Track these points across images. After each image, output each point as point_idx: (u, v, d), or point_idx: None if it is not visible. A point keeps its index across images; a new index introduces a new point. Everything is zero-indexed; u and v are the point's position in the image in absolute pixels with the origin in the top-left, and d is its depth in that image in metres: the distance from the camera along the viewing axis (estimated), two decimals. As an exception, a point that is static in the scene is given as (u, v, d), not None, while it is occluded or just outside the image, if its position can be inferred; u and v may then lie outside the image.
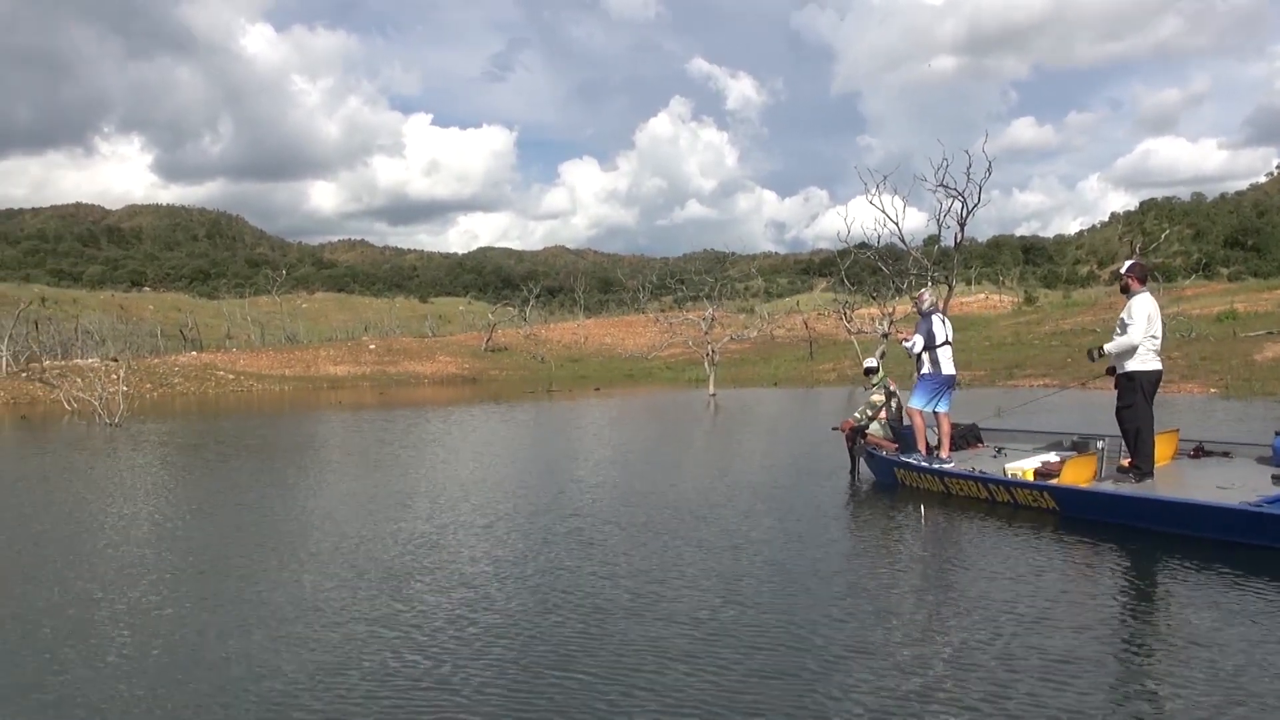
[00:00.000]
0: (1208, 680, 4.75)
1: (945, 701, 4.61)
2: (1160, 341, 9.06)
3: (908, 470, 10.65)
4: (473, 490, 11.59)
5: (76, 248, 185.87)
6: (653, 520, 9.22)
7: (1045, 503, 9.03)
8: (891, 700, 4.65)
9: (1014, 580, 6.71)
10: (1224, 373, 24.92)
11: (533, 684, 5.03)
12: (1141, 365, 8.91)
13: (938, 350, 10.91)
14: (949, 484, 10.07)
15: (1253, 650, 5.15)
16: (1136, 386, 8.91)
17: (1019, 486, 9.34)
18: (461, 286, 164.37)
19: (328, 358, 53.58)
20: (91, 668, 5.45)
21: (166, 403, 34.76)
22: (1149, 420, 8.96)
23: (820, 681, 4.91)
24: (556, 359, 56.43)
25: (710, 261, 70.21)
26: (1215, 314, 40.89)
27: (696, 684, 4.94)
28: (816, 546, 8.02)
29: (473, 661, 5.40)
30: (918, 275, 28.22)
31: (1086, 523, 8.48)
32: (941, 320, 11.09)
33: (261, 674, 5.26)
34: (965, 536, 8.31)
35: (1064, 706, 4.49)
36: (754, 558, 7.64)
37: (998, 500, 9.48)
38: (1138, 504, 8.54)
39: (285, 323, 74.80)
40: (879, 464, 11.33)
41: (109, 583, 7.38)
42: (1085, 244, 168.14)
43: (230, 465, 15.38)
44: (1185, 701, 4.52)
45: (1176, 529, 8.00)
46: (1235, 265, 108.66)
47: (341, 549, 8.36)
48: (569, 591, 6.76)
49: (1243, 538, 7.55)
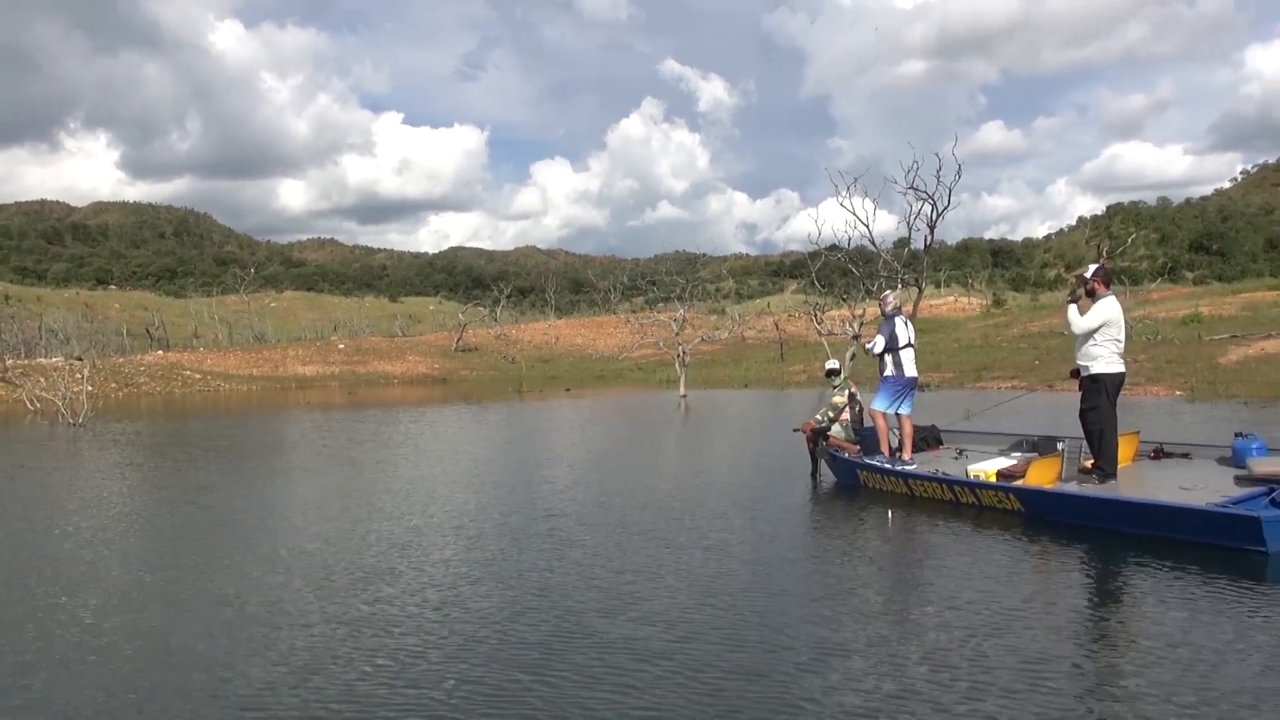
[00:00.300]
0: (1178, 680, 4.78)
1: (922, 701, 4.61)
2: (1124, 345, 9.18)
3: (871, 472, 10.64)
4: (441, 491, 11.51)
5: (41, 245, 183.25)
6: (626, 520, 9.19)
7: (1010, 504, 9.05)
8: (868, 700, 4.65)
9: (985, 580, 6.75)
10: (1189, 375, 25.18)
11: (507, 687, 4.99)
12: (1106, 368, 9.05)
13: (900, 353, 10.92)
14: (913, 485, 10.07)
15: (1225, 650, 5.19)
16: (1101, 389, 9.03)
17: (983, 488, 9.35)
18: (432, 286, 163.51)
19: (296, 357, 53.17)
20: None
21: (132, 402, 34.38)
22: (1113, 422, 9.06)
23: (795, 683, 4.90)
24: (527, 359, 56.26)
25: (681, 263, 70.36)
26: (1180, 317, 41.29)
27: (672, 685, 4.92)
28: (788, 548, 8.03)
29: (449, 662, 5.35)
30: (888, 277, 28.36)
31: (1051, 524, 8.51)
32: (904, 323, 11.08)
33: (212, 679, 5.19)
34: (931, 538, 8.35)
35: (1038, 706, 4.50)
36: (725, 558, 7.62)
37: (962, 502, 9.50)
38: (1103, 505, 8.57)
39: (253, 322, 74.12)
40: (841, 466, 11.29)
41: (53, 587, 7.27)
42: (1053, 247, 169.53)
43: (193, 466, 15.21)
44: (1159, 700, 4.54)
45: (1143, 530, 8.03)
46: (1200, 269, 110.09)
47: (305, 551, 8.28)
48: (542, 592, 6.72)
49: (1210, 539, 7.58)
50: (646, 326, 40.43)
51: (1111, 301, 9.10)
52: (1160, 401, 21.72)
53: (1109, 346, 9.00)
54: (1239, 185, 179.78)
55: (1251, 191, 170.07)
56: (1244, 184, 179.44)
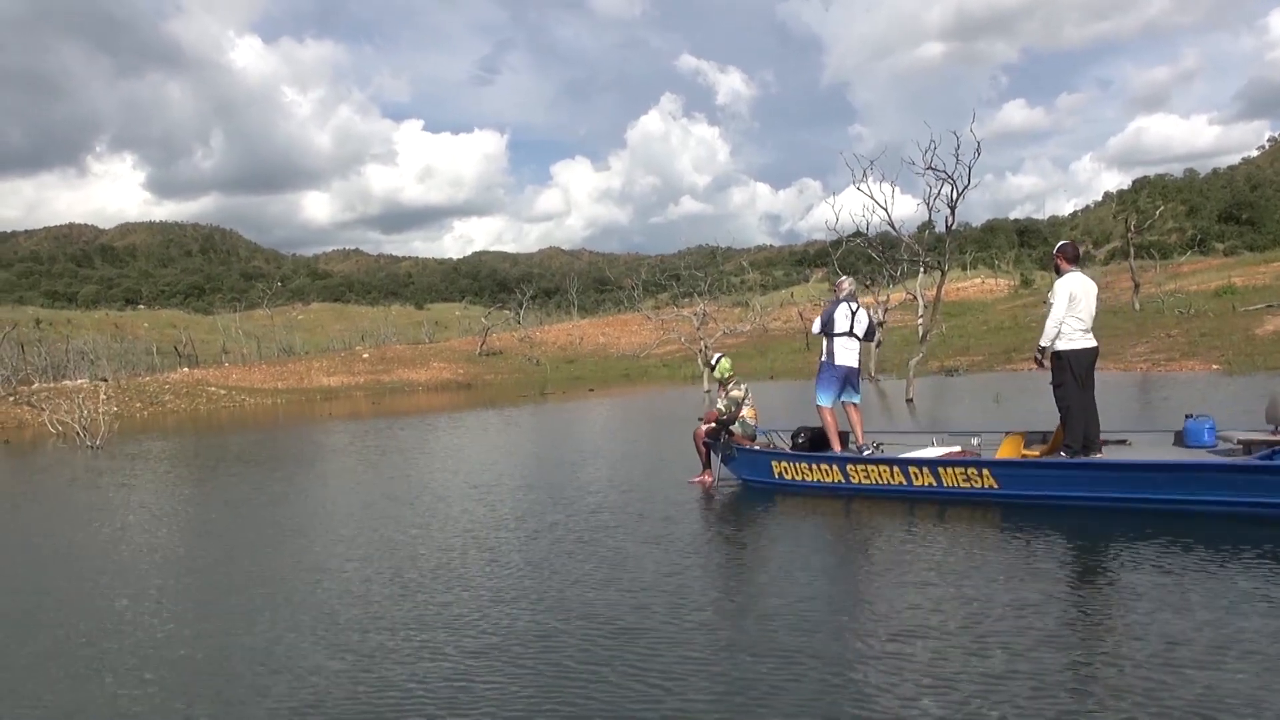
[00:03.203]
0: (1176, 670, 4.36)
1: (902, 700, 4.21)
2: (1091, 320, 8.94)
3: (793, 463, 10.06)
4: (460, 497, 11.18)
5: (70, 268, 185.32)
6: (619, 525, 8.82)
7: (981, 482, 8.62)
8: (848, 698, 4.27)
9: (964, 567, 6.35)
10: (1225, 348, 24.53)
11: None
12: (1069, 345, 8.85)
13: (835, 339, 10.53)
14: (852, 473, 9.52)
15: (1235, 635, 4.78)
16: (1065, 365, 8.85)
17: (950, 465, 8.85)
18: (457, 292, 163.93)
19: (321, 369, 53.16)
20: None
21: (157, 421, 34.33)
22: (1079, 399, 8.79)
23: (779, 693, 4.52)
24: (552, 361, 55.99)
25: (704, 257, 69.79)
26: (1213, 289, 40.52)
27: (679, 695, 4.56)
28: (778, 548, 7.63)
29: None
30: (910, 262, 27.83)
31: (1026, 509, 8.22)
32: (851, 311, 10.58)
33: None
34: (893, 527, 8.15)
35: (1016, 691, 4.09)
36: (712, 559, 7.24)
37: (915, 485, 9.03)
38: (1106, 471, 8.20)
39: (281, 335, 74.36)
40: (747, 461, 10.61)
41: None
42: (1080, 224, 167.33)
43: (201, 486, 14.98)
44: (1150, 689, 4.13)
45: (1152, 496, 7.76)
46: (1230, 240, 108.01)
47: (301, 564, 7.96)
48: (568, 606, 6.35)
49: (1256, 497, 7.33)
50: (668, 323, 40.07)
51: (1074, 278, 8.94)
52: (1197, 376, 21.09)
53: (1072, 323, 8.81)
54: (1267, 153, 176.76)
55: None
56: (1272, 151, 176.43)
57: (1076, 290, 8.82)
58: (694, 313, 36.75)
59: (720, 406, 10.86)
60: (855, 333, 10.56)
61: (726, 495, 10.41)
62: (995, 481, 8.60)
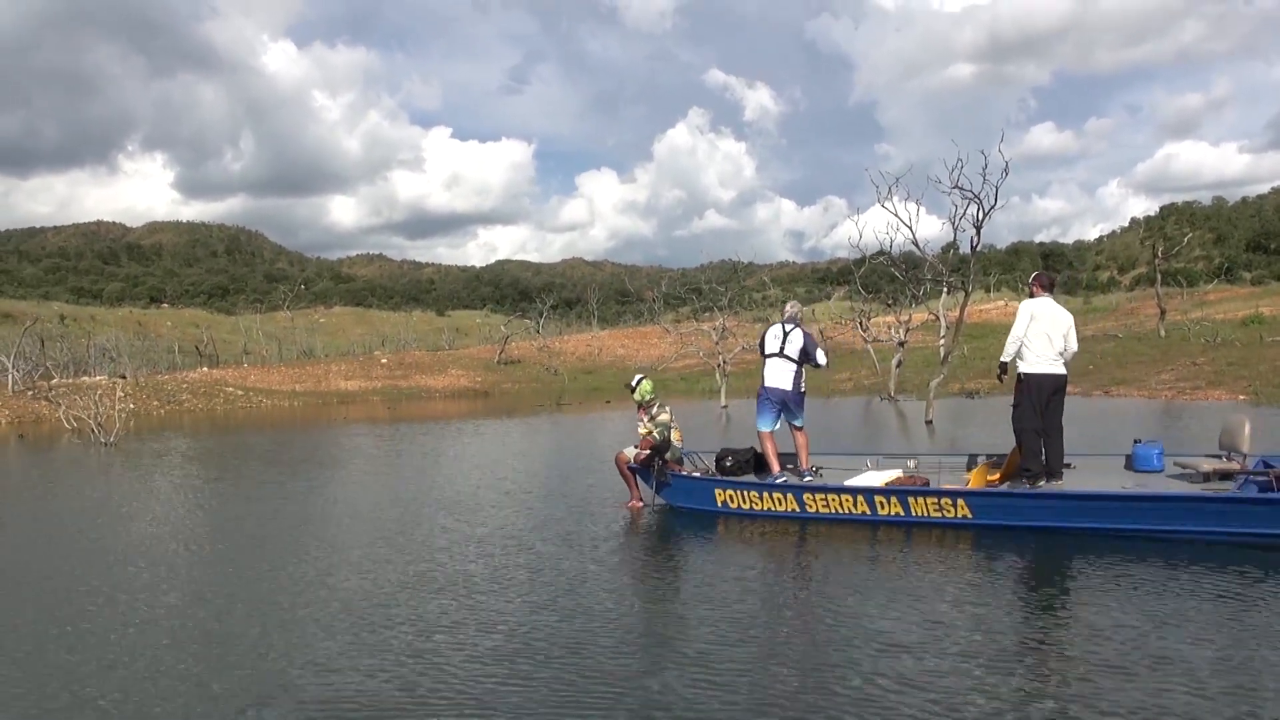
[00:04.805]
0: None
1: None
2: (1065, 350, 9.11)
3: (741, 490, 9.69)
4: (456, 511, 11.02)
5: (97, 265, 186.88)
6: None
7: (955, 512, 8.48)
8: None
9: (948, 598, 6.14)
10: (1252, 378, 24.14)
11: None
12: (1031, 368, 9.05)
13: (766, 361, 10.34)
14: (811, 501, 9.23)
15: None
16: (1026, 388, 9.04)
17: (920, 495, 8.67)
18: (479, 299, 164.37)
19: (339, 372, 53.20)
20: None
21: (174, 419, 34.37)
22: (1035, 423, 8.91)
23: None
24: (570, 371, 55.86)
25: (726, 272, 69.60)
26: (1240, 318, 40.05)
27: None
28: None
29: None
30: (933, 282, 27.54)
31: (999, 536, 8.21)
32: (783, 332, 10.29)
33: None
34: (850, 551, 8.12)
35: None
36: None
37: (880, 514, 8.81)
38: (1106, 503, 8.14)
39: (302, 338, 74.58)
40: (685, 488, 10.20)
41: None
42: (1105, 249, 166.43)
43: (202, 487, 14.89)
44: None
45: (1149, 529, 7.83)
46: (1258, 269, 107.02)
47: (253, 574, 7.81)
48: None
49: (1243, 528, 7.51)
50: (687, 336, 39.87)
51: (1040, 302, 9.23)
52: (1223, 405, 20.73)
53: (1041, 348, 9.02)
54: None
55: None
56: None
57: (1038, 312, 9.08)
58: (713, 327, 36.53)
59: (653, 433, 10.29)
60: (788, 354, 10.24)
61: (660, 520, 10.06)
62: (969, 511, 8.50)
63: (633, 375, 11.00)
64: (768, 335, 10.42)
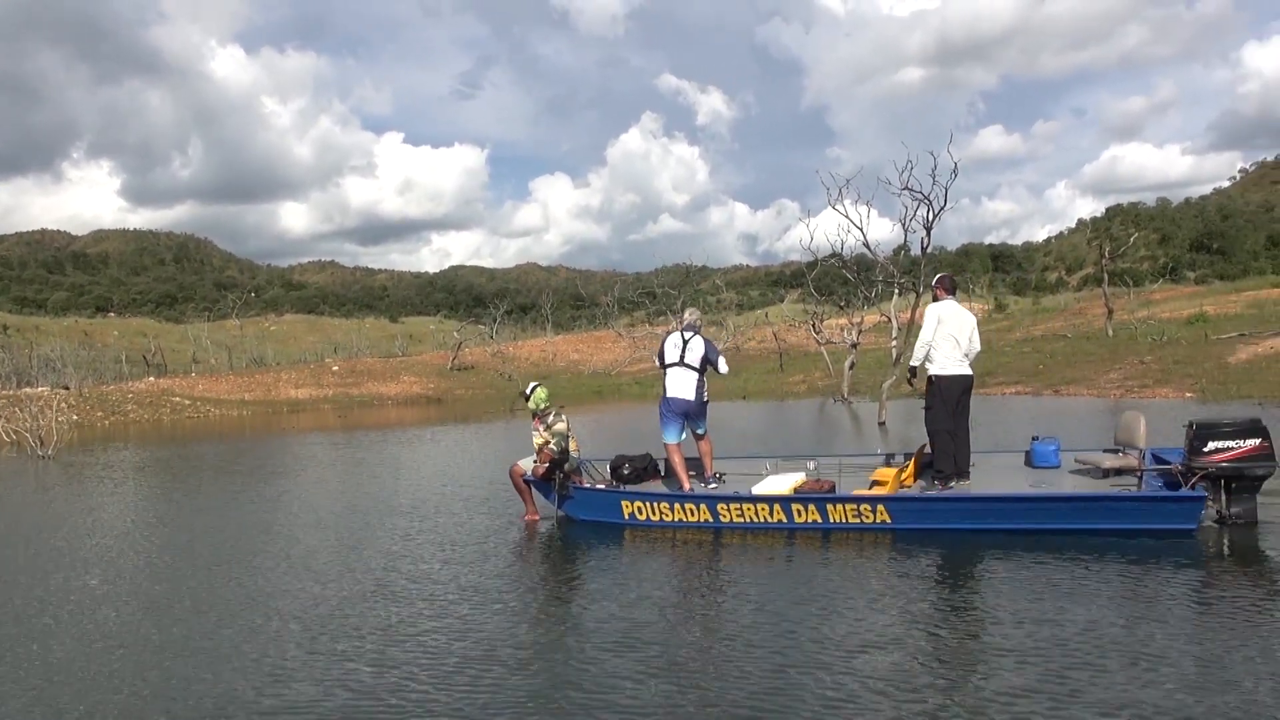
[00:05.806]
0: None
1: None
2: (970, 351, 9.42)
3: (650, 502, 9.46)
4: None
5: (41, 274, 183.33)
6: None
7: (875, 517, 8.49)
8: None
9: (861, 604, 6.12)
10: (1199, 376, 24.45)
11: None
12: (940, 370, 9.27)
13: (667, 371, 10.14)
14: (724, 511, 9.04)
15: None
16: (937, 390, 9.25)
17: (840, 502, 8.59)
18: (433, 305, 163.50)
19: (289, 381, 52.41)
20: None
21: (119, 431, 33.61)
22: (948, 424, 9.13)
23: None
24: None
25: (680, 276, 69.63)
26: (1186, 317, 40.66)
27: None
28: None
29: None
30: (885, 283, 27.64)
31: (916, 538, 8.24)
32: (683, 340, 10.12)
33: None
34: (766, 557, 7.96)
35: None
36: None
37: (797, 522, 8.71)
38: (1016, 504, 8.29)
39: (252, 346, 73.52)
40: (595, 499, 9.98)
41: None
42: (1054, 250, 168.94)
43: (132, 500, 14.50)
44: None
45: (1060, 526, 7.99)
46: (1201, 269, 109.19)
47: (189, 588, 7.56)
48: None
49: (1148, 524, 7.79)
50: (640, 341, 39.80)
51: (945, 305, 9.46)
52: (1170, 404, 20.95)
53: (948, 350, 9.24)
54: (1238, 184, 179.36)
55: (1251, 189, 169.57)
56: (1243, 182, 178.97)
57: (945, 315, 9.32)
58: (667, 331, 36.49)
59: (550, 443, 9.96)
60: (689, 363, 10.03)
61: (561, 532, 9.82)
62: (889, 516, 8.50)
63: (528, 383, 10.73)
64: (667, 345, 10.19)
